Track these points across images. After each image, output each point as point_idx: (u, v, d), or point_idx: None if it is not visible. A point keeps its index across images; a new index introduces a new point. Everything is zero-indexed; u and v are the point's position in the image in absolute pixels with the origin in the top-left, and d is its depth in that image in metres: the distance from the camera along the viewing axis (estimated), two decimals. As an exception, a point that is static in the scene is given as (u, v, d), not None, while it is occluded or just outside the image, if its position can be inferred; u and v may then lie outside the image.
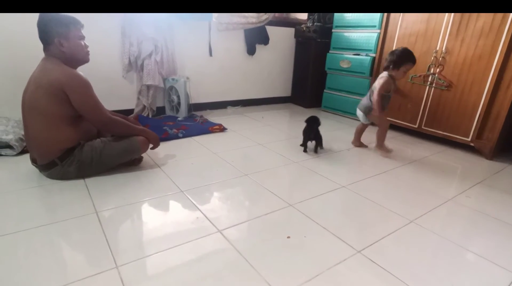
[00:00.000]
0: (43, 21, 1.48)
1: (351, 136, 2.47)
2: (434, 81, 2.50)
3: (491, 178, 1.99)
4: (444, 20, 2.37)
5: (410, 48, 2.60)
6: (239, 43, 3.38)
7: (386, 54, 2.81)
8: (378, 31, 2.86)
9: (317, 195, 1.63)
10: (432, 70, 2.50)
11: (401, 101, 2.71)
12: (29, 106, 1.52)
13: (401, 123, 2.80)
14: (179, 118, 2.85)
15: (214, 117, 3.05)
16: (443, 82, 2.44)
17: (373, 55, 2.95)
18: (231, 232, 1.28)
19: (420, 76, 2.58)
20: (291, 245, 1.22)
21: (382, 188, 1.76)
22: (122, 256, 1.10)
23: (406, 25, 2.63)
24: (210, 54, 3.19)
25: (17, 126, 2.01)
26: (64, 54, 1.52)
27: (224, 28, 3.14)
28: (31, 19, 1.56)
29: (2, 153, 1.87)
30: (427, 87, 2.55)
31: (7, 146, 1.88)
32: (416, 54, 2.57)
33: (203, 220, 1.36)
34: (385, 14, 2.76)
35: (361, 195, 1.66)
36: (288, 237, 1.27)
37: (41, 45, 1.53)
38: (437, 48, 2.44)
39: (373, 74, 2.96)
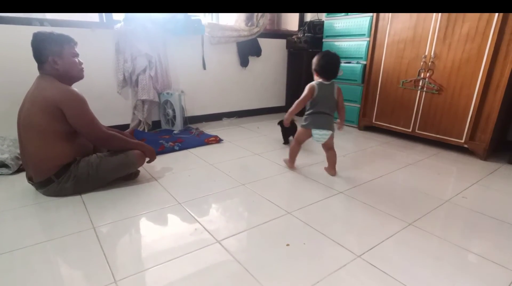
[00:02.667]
0: (37, 40, 1.50)
1: (345, 143, 2.49)
2: (425, 86, 2.54)
3: (486, 178, 2.01)
4: (431, 25, 2.43)
5: (399, 54, 2.69)
6: (232, 55, 3.44)
7: (376, 61, 2.90)
8: (368, 39, 2.93)
9: (314, 202, 1.63)
10: (422, 75, 2.55)
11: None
12: (24, 124, 1.53)
13: (394, 128, 2.83)
14: (175, 131, 2.86)
15: (209, 129, 3.06)
16: (433, 86, 2.49)
17: (364, 62, 3.00)
18: (230, 242, 1.28)
19: (411, 81, 2.63)
20: (291, 253, 1.22)
21: (379, 192, 1.77)
22: (120, 271, 1.09)
23: (394, 32, 2.70)
24: (204, 68, 3.23)
25: (12, 145, 2.01)
26: (58, 71, 1.54)
27: (217, 42, 3.20)
28: (26, 37, 1.58)
29: (-2, 173, 1.86)
30: (418, 91, 2.60)
31: (3, 165, 1.87)
32: (405, 60, 2.66)
33: (201, 231, 1.35)
34: (374, 22, 2.82)
35: (359, 200, 1.66)
36: (288, 245, 1.26)
37: (36, 63, 1.54)
38: (426, 53, 2.49)
39: (365, 81, 3.01)
